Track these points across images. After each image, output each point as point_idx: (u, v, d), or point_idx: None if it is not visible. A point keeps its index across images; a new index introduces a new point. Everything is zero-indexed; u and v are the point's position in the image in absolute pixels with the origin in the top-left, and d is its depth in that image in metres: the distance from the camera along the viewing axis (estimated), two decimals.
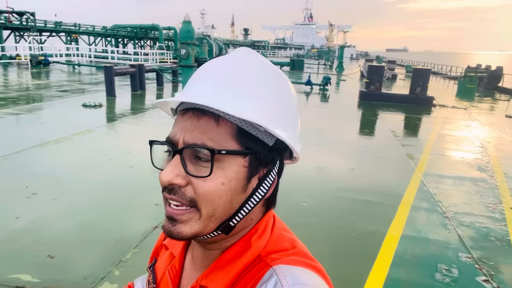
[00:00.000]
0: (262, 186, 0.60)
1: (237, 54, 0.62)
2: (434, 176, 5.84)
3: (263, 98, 0.58)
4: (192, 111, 0.57)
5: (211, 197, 0.56)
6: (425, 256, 3.50)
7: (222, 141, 0.55)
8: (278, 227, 0.67)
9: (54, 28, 28.97)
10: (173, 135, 0.58)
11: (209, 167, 0.54)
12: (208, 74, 0.59)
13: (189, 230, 0.57)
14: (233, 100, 0.55)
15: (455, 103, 15.45)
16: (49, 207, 4.04)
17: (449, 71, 34.63)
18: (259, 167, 0.60)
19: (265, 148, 0.59)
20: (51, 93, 12.43)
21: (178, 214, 0.57)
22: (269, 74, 0.61)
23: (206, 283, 0.61)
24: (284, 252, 0.61)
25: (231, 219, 0.59)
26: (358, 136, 8.96)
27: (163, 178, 0.55)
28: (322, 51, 72.68)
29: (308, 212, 4.34)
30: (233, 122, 0.56)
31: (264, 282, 0.56)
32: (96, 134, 7.35)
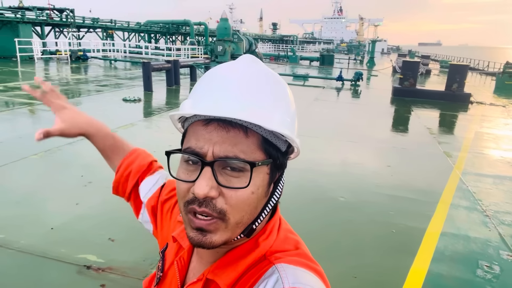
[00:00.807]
0: (277, 189, 0.66)
1: (246, 62, 0.64)
2: (473, 174, 5.80)
3: (281, 108, 0.61)
4: (218, 122, 0.57)
5: (241, 206, 0.58)
6: (466, 253, 3.56)
7: (250, 152, 0.58)
8: (284, 229, 0.70)
9: (91, 24, 30.05)
10: (199, 148, 0.58)
11: (240, 177, 0.57)
12: (222, 83, 0.59)
13: (219, 239, 0.59)
14: (261, 112, 0.57)
15: (493, 100, 14.97)
16: (104, 195, 4.35)
17: (486, 66, 33.33)
18: (276, 172, 0.64)
19: (280, 154, 0.63)
20: (92, 88, 13.03)
21: (207, 224, 0.58)
22: (279, 84, 0.64)
23: (213, 277, 0.63)
24: (288, 252, 0.64)
25: (254, 223, 0.62)
26: (392, 133, 8.92)
27: (199, 192, 0.56)
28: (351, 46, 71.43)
29: (346, 206, 4.46)
30: (260, 133, 0.59)
31: (266, 278, 0.59)
32: (138, 128, 7.72)
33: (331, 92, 15.34)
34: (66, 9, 26.99)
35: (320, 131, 8.18)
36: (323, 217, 4.16)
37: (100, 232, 3.58)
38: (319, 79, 19.30)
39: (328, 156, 6.42)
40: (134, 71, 19.36)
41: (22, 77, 15.53)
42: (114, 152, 1.03)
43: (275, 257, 0.63)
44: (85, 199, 4.23)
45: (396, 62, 28.50)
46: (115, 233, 3.55)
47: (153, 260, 3.15)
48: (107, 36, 31.53)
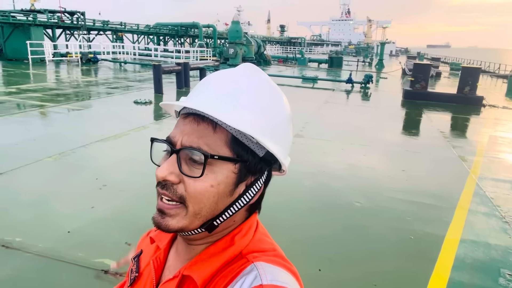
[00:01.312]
0: (248, 193, 0.66)
1: (239, 69, 0.69)
2: (490, 179, 5.70)
3: (258, 112, 0.63)
4: (193, 116, 0.62)
5: (199, 196, 0.61)
6: (487, 261, 3.48)
7: (216, 147, 0.61)
8: (260, 232, 0.71)
9: (102, 27, 30.31)
10: (173, 136, 0.63)
11: (201, 169, 0.60)
12: (211, 84, 0.65)
13: (176, 224, 0.62)
14: (231, 110, 0.60)
15: (505, 103, 14.77)
16: (119, 198, 4.36)
17: (497, 69, 32.94)
18: (248, 175, 0.65)
19: (255, 158, 0.64)
20: (103, 90, 13.12)
21: (167, 208, 0.62)
22: (266, 90, 0.66)
23: (189, 273, 0.65)
24: (265, 253, 0.66)
25: (215, 219, 0.64)
26: (405, 137, 8.83)
27: (159, 174, 0.61)
28: (360, 48, 71.15)
29: (362, 212, 4.40)
30: (229, 130, 0.61)
31: (244, 275, 0.61)
32: (150, 130, 7.74)
33: (341, 95, 15.26)
34: (77, 12, 27.26)
35: (331, 134, 8.12)
36: (339, 222, 4.11)
37: (116, 236, 3.57)
38: (329, 81, 19.22)
39: (340, 159, 6.36)
40: (144, 73, 19.47)
41: (34, 79, 15.71)
42: None
43: (253, 256, 0.65)
44: (101, 202, 4.23)
45: (405, 64, 28.31)
46: (131, 237, 3.54)
47: None
48: (117, 39, 31.79)
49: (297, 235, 3.73)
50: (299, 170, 5.38)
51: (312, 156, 6.26)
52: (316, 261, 3.29)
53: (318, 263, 3.26)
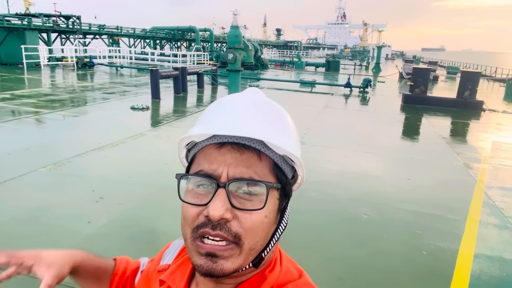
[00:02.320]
0: (284, 218, 0.65)
1: (252, 93, 0.66)
2: (498, 188, 5.56)
3: (292, 135, 0.63)
4: (231, 145, 0.57)
5: (256, 230, 0.57)
6: (504, 278, 3.32)
7: (264, 175, 0.58)
8: (285, 259, 0.69)
9: (98, 31, 30.09)
10: (213, 170, 0.57)
11: (253, 200, 0.56)
12: (239, 109, 0.60)
13: (231, 266, 0.56)
14: (274, 134, 0.59)
15: (505, 107, 14.72)
16: (117, 212, 4.16)
17: (493, 72, 33.05)
18: (284, 200, 0.63)
19: (288, 181, 0.63)
20: (99, 95, 12.90)
21: (220, 250, 0.56)
22: (284, 112, 0.66)
23: None
24: (294, 283, 0.63)
25: (263, 251, 0.61)
26: (408, 143, 8.70)
27: (215, 213, 0.55)
28: (355, 51, 71.36)
29: (371, 225, 4.23)
30: (271, 157, 0.59)
31: None
32: (148, 138, 7.54)
33: (340, 99, 15.14)
34: (72, 16, 27.05)
35: (333, 141, 7.97)
36: (348, 238, 3.94)
37: (113, 253, 3.33)
38: (327, 85, 19.12)
39: (344, 168, 6.20)
40: (140, 78, 19.27)
41: (28, 84, 15.47)
42: (104, 271, 0.92)
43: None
44: (97, 217, 4.04)
45: (403, 68, 28.30)
46: (130, 254, 3.33)
47: None
48: (113, 43, 31.59)
49: (303, 253, 3.54)
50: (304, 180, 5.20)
51: (316, 164, 6.09)
52: (326, 282, 3.11)
53: (328, 284, 3.08)
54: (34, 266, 0.75)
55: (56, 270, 0.75)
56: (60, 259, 0.78)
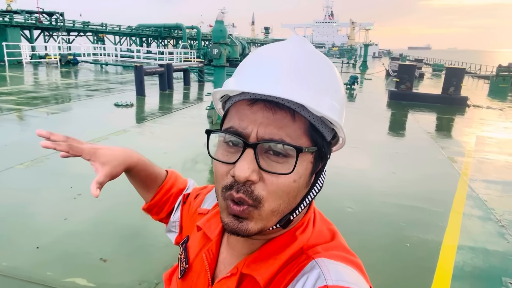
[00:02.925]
0: (319, 180, 0.62)
1: (297, 43, 0.60)
2: (481, 181, 5.59)
3: (333, 94, 0.58)
4: (264, 103, 0.54)
5: (280, 193, 0.55)
6: (487, 269, 3.31)
7: (297, 137, 0.54)
8: (319, 220, 0.67)
9: (82, 28, 29.55)
10: (242, 128, 0.55)
11: (283, 163, 0.54)
12: (277, 63, 0.56)
13: (255, 226, 0.56)
14: (312, 95, 0.54)
15: (489, 103, 14.91)
16: (95, 209, 4.04)
17: (478, 70, 33.56)
18: (319, 162, 0.60)
19: (326, 143, 0.59)
20: (82, 92, 12.64)
21: (241, 212, 0.55)
22: (331, 67, 0.60)
23: (249, 271, 0.60)
24: (325, 245, 0.61)
25: (292, 213, 0.59)
26: (394, 138, 8.72)
27: (240, 174, 0.53)
28: (343, 50, 71.76)
29: (355, 218, 4.20)
30: (307, 118, 0.55)
31: (306, 273, 0.56)
32: (131, 134, 7.39)
33: None
34: (55, 13, 26.52)
35: None
36: None
37: (91, 252, 3.26)
38: None
39: (330, 162, 6.13)
40: (126, 75, 18.99)
41: (10, 81, 15.08)
42: (154, 180, 0.96)
43: (314, 251, 0.60)
44: (75, 214, 3.91)
45: (389, 65, 28.54)
46: (107, 253, 3.24)
47: (150, 283, 2.85)
48: (97, 40, 31.09)
49: None
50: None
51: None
52: None
53: None
54: (90, 161, 0.79)
55: (109, 169, 0.79)
56: (115, 159, 0.81)
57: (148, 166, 0.93)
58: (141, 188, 0.97)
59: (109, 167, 0.79)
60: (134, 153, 0.89)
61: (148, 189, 0.97)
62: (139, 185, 0.96)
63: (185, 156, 6.07)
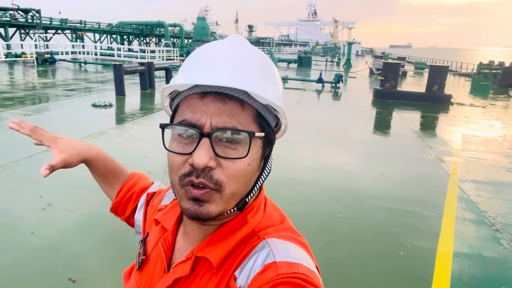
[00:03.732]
0: (267, 164, 0.66)
1: (237, 40, 0.64)
2: (471, 182, 5.47)
3: (275, 84, 0.63)
4: (214, 95, 0.58)
5: (238, 177, 0.59)
6: (485, 278, 3.14)
7: (247, 125, 0.59)
8: (269, 206, 0.70)
9: (59, 25, 28.63)
10: (196, 120, 0.58)
11: (237, 149, 0.58)
12: (221, 57, 0.59)
13: (215, 209, 0.59)
14: (257, 85, 0.58)
15: (471, 101, 15.01)
16: (66, 220, 3.71)
17: (459, 67, 34.07)
18: (267, 147, 0.65)
19: (271, 130, 0.65)
20: (59, 92, 12.12)
21: (203, 194, 0.58)
22: (269, 61, 0.65)
23: (203, 254, 0.63)
24: (275, 227, 0.66)
25: (247, 196, 0.63)
26: (380, 137, 8.59)
27: (199, 161, 0.56)
28: (327, 48, 72.06)
29: (345, 225, 3.99)
30: (254, 106, 0.60)
31: (256, 252, 0.60)
32: (108, 137, 7.03)
33: (312, 95, 14.99)
34: (31, 10, 25.61)
35: (306, 137, 7.72)
36: (321, 238, 3.65)
37: (58, 270, 2.95)
38: (299, 81, 18.95)
39: (318, 164, 5.96)
40: (106, 74, 18.44)
41: None
42: (115, 177, 1.00)
43: (265, 232, 0.64)
44: (42, 227, 3.57)
45: (373, 63, 28.65)
46: (77, 272, 2.93)
47: None
48: (76, 38, 30.20)
49: None
50: (275, 178, 4.91)
51: (288, 162, 5.81)
52: None
53: None
54: (50, 147, 0.85)
55: (65, 156, 0.83)
56: (73, 149, 0.87)
57: (109, 162, 0.97)
58: (103, 183, 0.99)
59: (65, 155, 0.84)
60: (95, 147, 0.94)
61: (110, 185, 0.99)
62: (100, 179, 0.99)
63: (165, 159, 5.74)
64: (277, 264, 0.56)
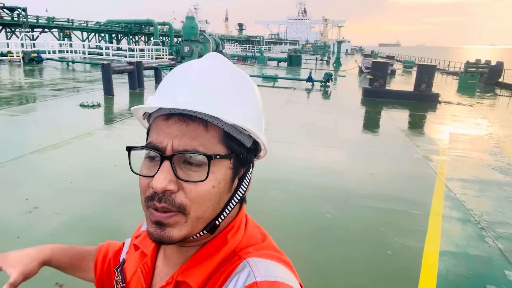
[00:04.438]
0: (242, 185, 0.64)
1: (211, 59, 0.64)
2: (457, 180, 5.55)
3: (245, 104, 0.62)
4: (178, 117, 0.57)
5: (202, 200, 0.57)
6: (471, 276, 3.20)
7: (211, 146, 0.57)
8: (250, 225, 0.69)
9: (46, 24, 28.20)
10: (159, 142, 0.58)
11: (199, 171, 0.57)
12: (185, 79, 0.60)
13: (178, 233, 0.58)
14: (221, 105, 0.57)
15: (458, 99, 15.23)
16: (53, 224, 3.67)
17: (446, 66, 34.49)
18: (240, 168, 0.63)
19: (245, 150, 0.63)
20: (46, 92, 11.95)
21: (166, 218, 0.57)
22: (244, 80, 0.64)
23: (183, 278, 0.62)
24: (256, 246, 0.64)
25: (217, 218, 0.61)
26: (369, 136, 8.66)
27: (157, 185, 0.55)
28: (317, 46, 72.27)
29: (334, 224, 4.02)
30: (220, 127, 0.59)
31: (237, 273, 0.59)
32: (97, 137, 6.96)
33: (302, 94, 15.04)
34: (17, 8, 25.17)
35: (296, 136, 7.75)
36: (310, 239, 3.68)
37: (45, 275, 2.88)
38: (289, 80, 19.00)
39: (307, 164, 5.98)
40: (94, 73, 18.24)
41: None
42: (82, 259, 0.96)
43: (245, 251, 0.63)
44: (29, 230, 3.53)
45: (362, 62, 28.84)
46: (64, 276, 2.89)
47: None
48: (64, 37, 29.78)
49: None
50: (265, 178, 4.92)
51: (278, 161, 5.82)
52: None
53: None
54: (3, 268, 0.84)
55: (21, 268, 0.83)
56: (25, 258, 0.86)
57: (68, 250, 0.94)
58: (76, 272, 0.96)
59: (21, 267, 0.83)
60: (47, 245, 0.92)
61: (82, 269, 0.96)
62: (70, 270, 0.95)
63: None
64: (258, 284, 0.55)
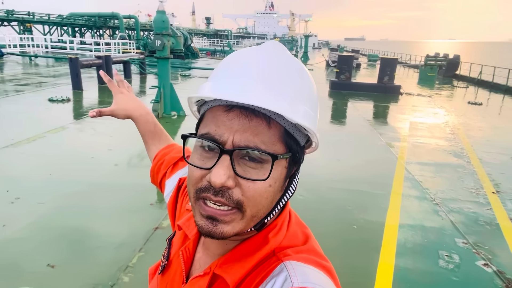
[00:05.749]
0: (292, 184, 0.63)
1: (273, 49, 0.61)
2: (416, 164, 6.06)
3: (308, 102, 0.60)
4: (240, 110, 0.55)
5: (259, 198, 0.56)
6: (426, 244, 3.63)
7: (271, 144, 0.55)
8: (293, 223, 0.67)
9: (5, 17, 26.90)
10: (219, 135, 0.55)
11: (257, 169, 0.55)
12: (253, 70, 0.57)
13: (231, 230, 0.56)
14: (287, 103, 0.55)
15: (418, 90, 16.09)
16: (37, 212, 3.78)
17: (408, 59, 35.95)
18: (293, 166, 0.62)
19: (300, 148, 0.61)
20: (10, 88, 11.61)
21: (221, 214, 0.56)
22: (305, 72, 0.62)
23: (220, 272, 0.61)
24: (296, 248, 0.62)
25: (267, 217, 0.60)
26: (337, 126, 9.12)
27: (216, 180, 0.53)
28: (284, 40, 72.94)
29: (306, 205, 4.36)
30: (282, 125, 0.56)
31: (274, 276, 0.57)
32: (70, 131, 6.97)
33: None
34: None
35: None
36: None
37: (36, 258, 3.07)
38: None
39: None
40: (59, 68, 17.74)
41: None
42: (151, 139, 1.11)
43: (284, 253, 0.61)
44: (14, 219, 3.63)
45: (329, 56, 29.58)
46: (55, 258, 3.06)
47: (105, 286, 2.75)
48: (24, 30, 28.55)
49: None
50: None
51: None
52: None
53: None
54: (113, 94, 1.09)
55: (113, 108, 1.05)
56: (124, 105, 1.07)
57: (149, 124, 1.10)
58: (144, 140, 1.13)
59: (115, 108, 1.05)
60: (142, 110, 1.09)
61: (147, 145, 1.12)
62: (142, 136, 1.12)
63: (130, 152, 5.85)
64: None
